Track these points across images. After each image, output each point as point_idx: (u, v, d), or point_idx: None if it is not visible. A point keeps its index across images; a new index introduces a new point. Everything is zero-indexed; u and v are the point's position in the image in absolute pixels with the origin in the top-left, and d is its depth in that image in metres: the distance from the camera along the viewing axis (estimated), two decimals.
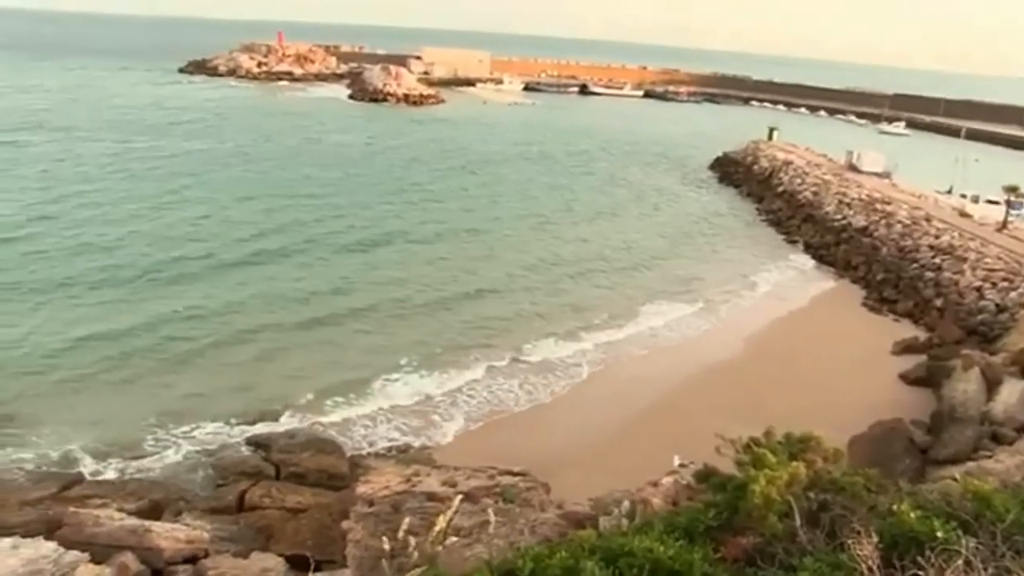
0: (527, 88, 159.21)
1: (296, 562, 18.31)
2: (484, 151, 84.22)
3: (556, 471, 21.70)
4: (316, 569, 18.56)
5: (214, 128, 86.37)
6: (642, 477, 17.62)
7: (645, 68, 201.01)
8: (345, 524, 17.38)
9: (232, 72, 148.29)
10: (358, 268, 43.09)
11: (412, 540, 9.55)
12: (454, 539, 10.86)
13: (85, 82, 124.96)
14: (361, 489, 17.97)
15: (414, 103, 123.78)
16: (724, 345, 35.60)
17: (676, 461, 22.47)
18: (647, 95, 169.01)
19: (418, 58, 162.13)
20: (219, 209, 52.41)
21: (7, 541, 15.62)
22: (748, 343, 36.06)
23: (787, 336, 37.51)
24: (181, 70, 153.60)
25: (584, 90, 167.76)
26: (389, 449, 25.13)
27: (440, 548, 9.57)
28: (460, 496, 16.32)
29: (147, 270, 39.76)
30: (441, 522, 9.70)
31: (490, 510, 14.06)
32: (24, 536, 16.07)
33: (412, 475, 18.31)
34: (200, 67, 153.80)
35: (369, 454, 24.73)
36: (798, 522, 8.69)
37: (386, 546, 9.89)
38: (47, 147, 69.21)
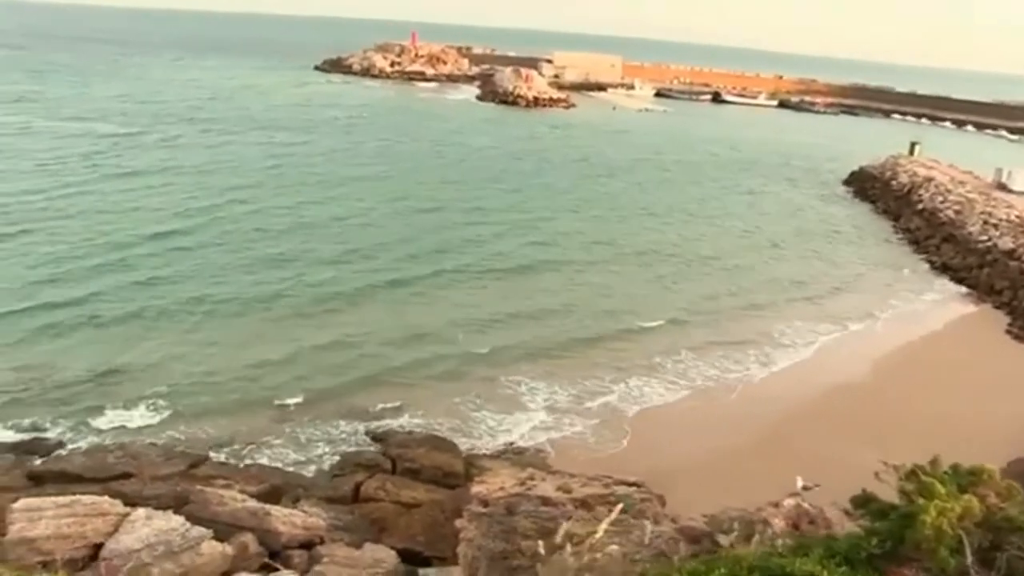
0: (658, 94, 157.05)
1: (407, 556, 18.50)
2: (618, 158, 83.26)
3: (669, 484, 21.18)
4: (427, 564, 18.73)
5: (354, 127, 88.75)
6: (759, 496, 16.94)
7: (781, 77, 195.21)
8: (458, 522, 17.41)
9: (366, 71, 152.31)
10: (486, 257, 43.86)
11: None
12: (614, 548, 10.65)
13: (226, 80, 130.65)
14: (476, 489, 17.98)
15: (544, 106, 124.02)
16: (851, 366, 34.07)
17: (799, 483, 21.57)
18: (782, 105, 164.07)
19: (549, 61, 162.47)
20: (370, 207, 53.92)
21: (141, 511, 16.37)
22: (877, 366, 34.39)
23: (919, 360, 35.56)
24: (317, 68, 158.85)
25: (717, 98, 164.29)
26: (504, 451, 25.13)
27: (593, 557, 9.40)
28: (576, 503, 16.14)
29: (290, 257, 41.69)
30: (570, 529, 9.49)
31: (605, 520, 13.77)
32: (156, 508, 16.80)
33: (527, 478, 18.20)
34: (335, 65, 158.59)
35: (484, 454, 24.79)
36: (969, 559, 8.17)
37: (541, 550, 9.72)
38: (202, 143, 72.52)
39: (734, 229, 57.94)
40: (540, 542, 9.76)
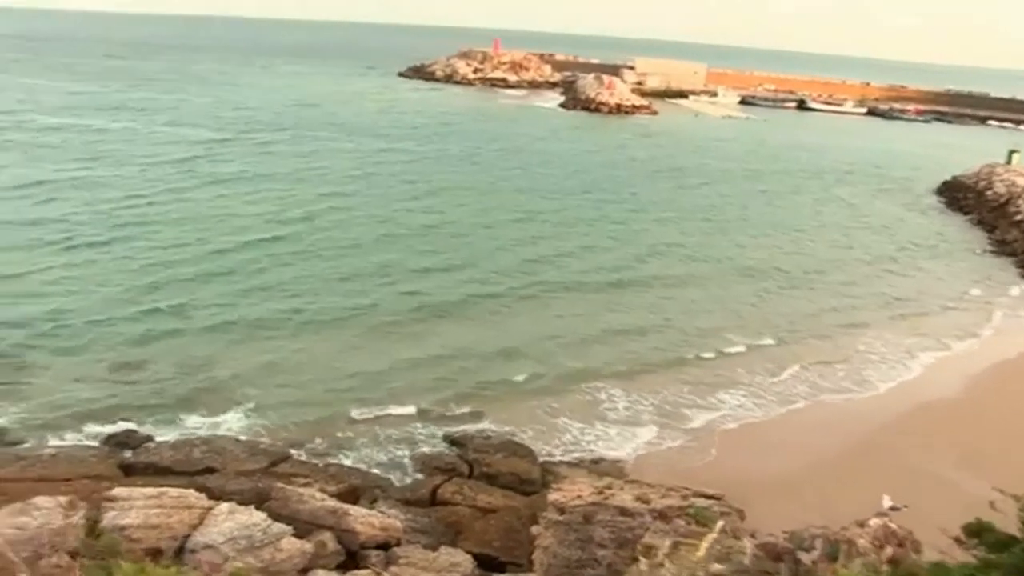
0: (743, 102, 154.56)
1: (483, 560, 18.50)
2: (706, 166, 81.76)
3: (751, 498, 20.68)
4: (502, 570, 18.70)
5: (439, 134, 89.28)
6: (842, 513, 16.43)
7: (868, 84, 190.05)
8: (534, 529, 17.35)
9: (449, 77, 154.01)
10: (578, 270, 43.70)
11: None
12: (718, 567, 10.36)
13: (313, 87, 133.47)
14: (552, 496, 17.86)
15: (626, 113, 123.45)
16: (944, 383, 32.77)
17: (886, 502, 20.82)
18: (870, 112, 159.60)
19: (631, 68, 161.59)
20: (460, 216, 54.16)
21: (224, 506, 16.77)
22: (971, 383, 33.01)
23: (1018, 379, 34.07)
24: (400, 75, 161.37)
25: (802, 105, 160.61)
26: (582, 460, 24.93)
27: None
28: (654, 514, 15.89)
29: (382, 266, 42.06)
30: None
31: (706, 539, 13.52)
32: (239, 503, 17.18)
33: (605, 487, 17.99)
34: (419, 72, 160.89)
35: (561, 462, 24.66)
36: None
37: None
38: (293, 150, 74.05)
39: (830, 242, 56.24)
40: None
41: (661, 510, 16.58)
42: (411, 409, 27.46)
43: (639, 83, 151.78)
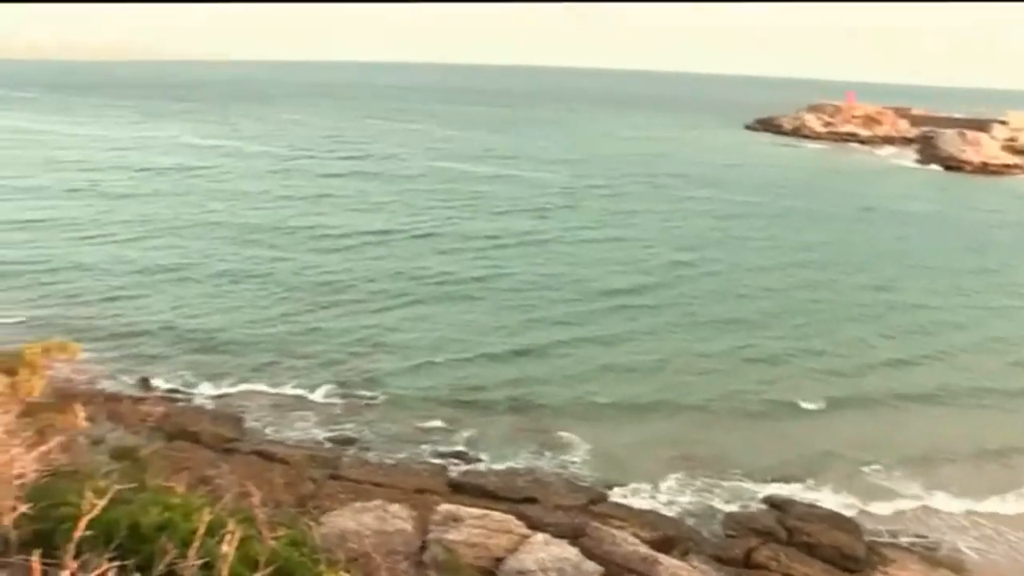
0: None
1: None
2: None
3: None
4: None
5: (789, 189, 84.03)
6: None
7: None
8: None
9: (796, 131, 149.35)
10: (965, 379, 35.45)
11: None
12: None
13: (659, 136, 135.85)
14: None
15: (993, 172, 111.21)
16: None
17: None
18: None
19: (1002, 123, 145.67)
20: (818, 279, 49.95)
21: (540, 536, 17.50)
22: None
23: None
24: (747, 127, 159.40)
25: None
26: (914, 543, 22.69)
27: None
28: None
29: (742, 323, 40.63)
30: None
31: None
32: (554, 535, 17.83)
33: None
34: (765, 124, 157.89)
35: (891, 543, 22.63)
36: None
37: None
38: (651, 196, 75.54)
39: None
40: None
41: None
42: (730, 461, 26.82)
43: (1012, 139, 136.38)
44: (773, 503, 24.45)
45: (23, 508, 6.75)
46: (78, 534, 6.08)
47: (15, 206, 60.37)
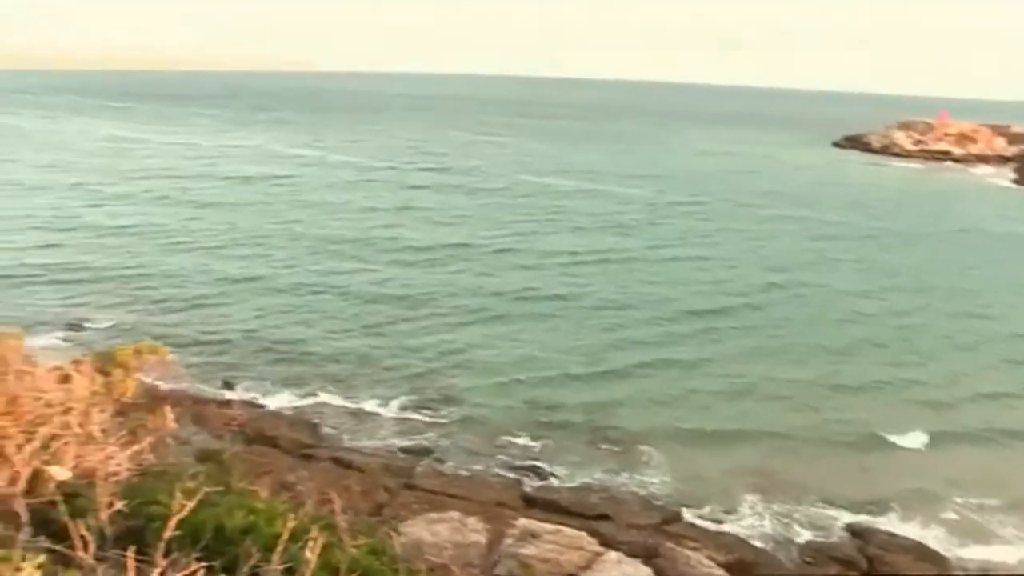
0: None
1: None
2: None
3: None
4: None
5: (881, 208, 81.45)
6: None
7: None
8: None
9: (886, 148, 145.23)
10: None
11: None
12: None
13: (745, 152, 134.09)
14: None
15: None
16: None
17: None
18: None
19: None
20: (914, 305, 47.79)
21: (613, 554, 17.33)
22: None
23: None
24: (834, 144, 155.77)
25: None
26: None
27: None
28: None
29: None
30: None
31: None
32: (627, 554, 17.62)
33: None
34: (853, 142, 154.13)
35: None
36: None
37: None
38: (740, 215, 73.86)
39: None
40: None
41: None
42: (812, 483, 26.22)
43: None
44: (854, 531, 23.75)
45: (119, 505, 6.96)
46: (168, 533, 6.23)
47: (107, 211, 62.96)
